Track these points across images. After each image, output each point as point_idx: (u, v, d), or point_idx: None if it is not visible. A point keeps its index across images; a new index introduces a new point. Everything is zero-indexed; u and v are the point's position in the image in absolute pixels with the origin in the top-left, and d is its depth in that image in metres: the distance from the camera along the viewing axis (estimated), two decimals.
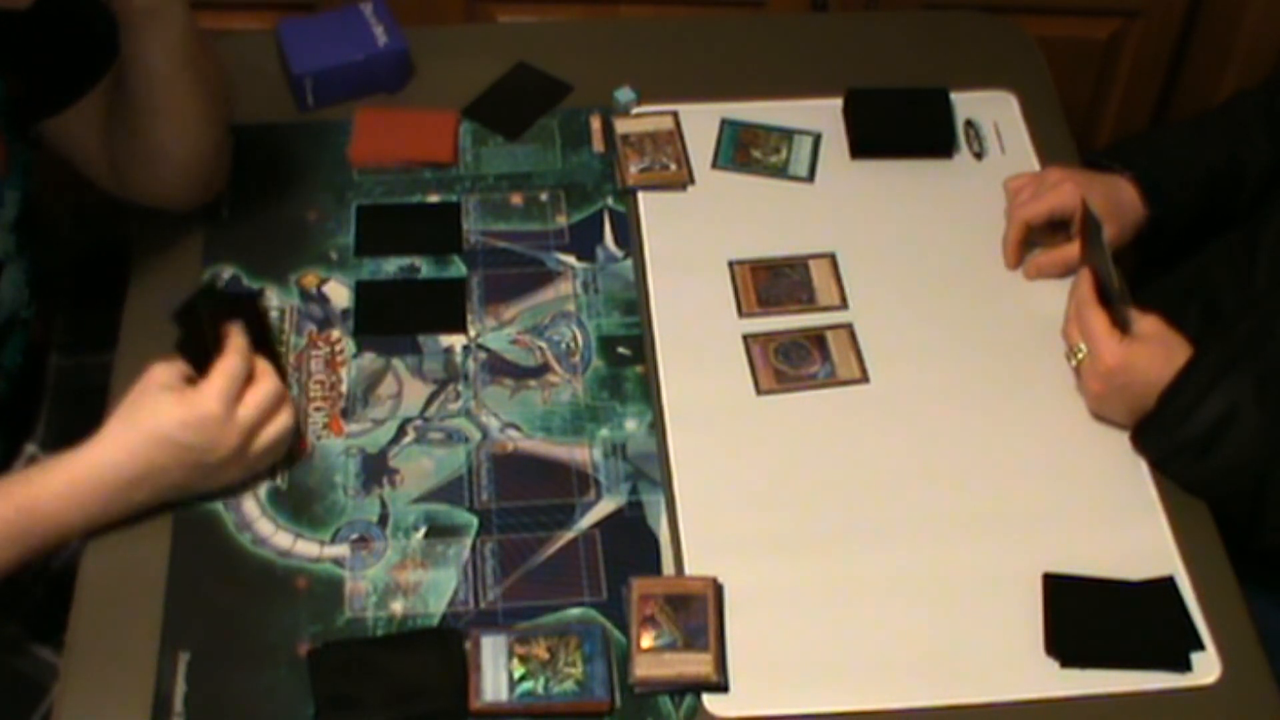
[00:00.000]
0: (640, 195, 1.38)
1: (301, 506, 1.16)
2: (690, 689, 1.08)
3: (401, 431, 1.21)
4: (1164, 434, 1.17)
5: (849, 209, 1.38)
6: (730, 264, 1.33)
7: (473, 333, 1.28)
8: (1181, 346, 1.18)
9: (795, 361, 1.27)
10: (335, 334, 1.27)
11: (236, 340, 1.14)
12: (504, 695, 1.06)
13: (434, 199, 1.37)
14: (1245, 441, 1.14)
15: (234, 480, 1.15)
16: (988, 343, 1.29)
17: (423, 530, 1.16)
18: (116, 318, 1.33)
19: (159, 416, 1.10)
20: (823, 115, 1.46)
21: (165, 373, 1.12)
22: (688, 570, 1.14)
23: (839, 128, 1.45)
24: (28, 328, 1.25)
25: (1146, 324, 1.20)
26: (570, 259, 1.34)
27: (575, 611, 1.11)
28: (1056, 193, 1.32)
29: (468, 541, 1.15)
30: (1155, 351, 1.18)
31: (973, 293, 1.32)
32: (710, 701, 1.07)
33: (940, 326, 1.30)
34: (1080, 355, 1.21)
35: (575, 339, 1.28)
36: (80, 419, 1.25)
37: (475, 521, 1.16)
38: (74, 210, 1.33)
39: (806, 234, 1.36)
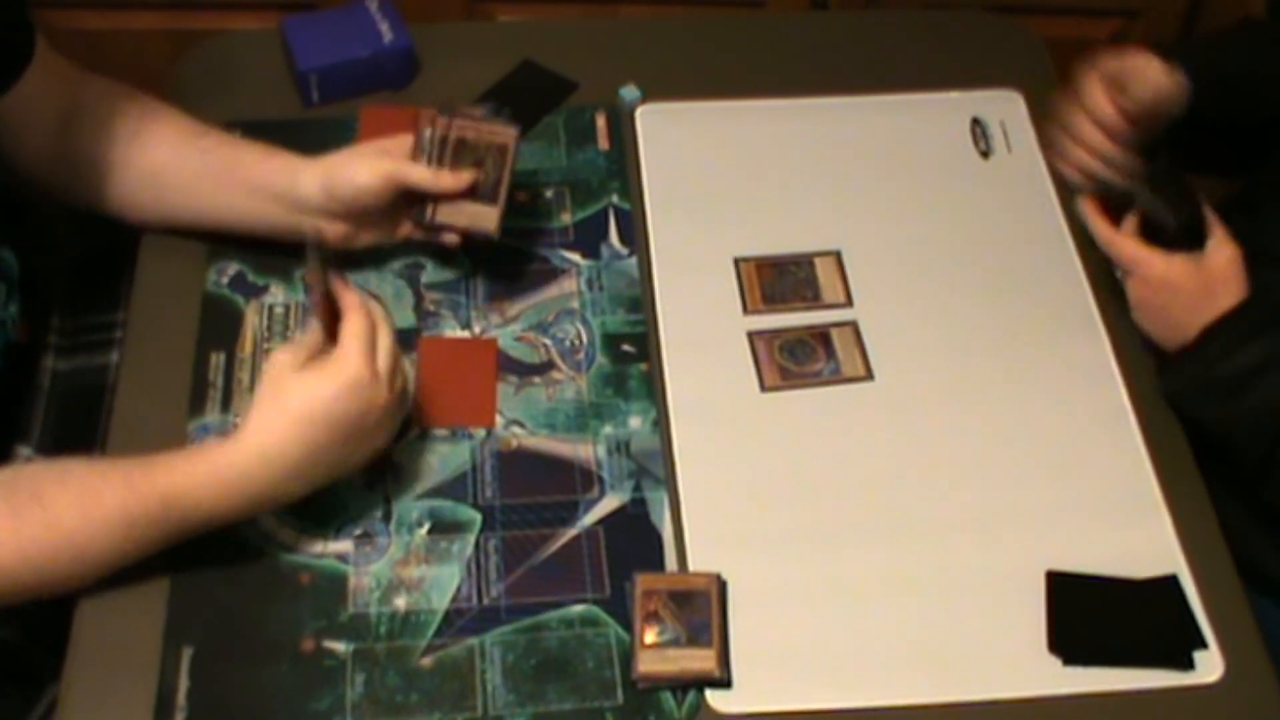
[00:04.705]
0: (646, 192, 1.38)
1: (305, 502, 1.15)
2: (693, 685, 1.08)
3: (405, 427, 1.22)
4: (1196, 370, 1.18)
5: (855, 206, 1.38)
6: (735, 261, 1.33)
7: (477, 329, 1.28)
8: (1237, 286, 1.18)
9: (800, 359, 1.27)
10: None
11: (351, 297, 1.11)
12: None
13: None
14: (1274, 392, 1.15)
15: (389, 437, 1.13)
16: (992, 341, 1.29)
17: (426, 526, 1.16)
18: (112, 320, 1.33)
19: (310, 397, 1.07)
20: (823, 114, 1.46)
21: (293, 355, 1.09)
22: (691, 566, 1.14)
23: (839, 126, 1.45)
24: (5, 328, 1.24)
25: (1220, 254, 1.19)
26: (575, 256, 1.34)
27: (578, 608, 1.11)
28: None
29: (471, 538, 1.15)
30: (1205, 281, 1.18)
31: (978, 291, 1.32)
32: (713, 697, 1.07)
33: (945, 324, 1.30)
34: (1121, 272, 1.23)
35: (579, 336, 1.28)
36: (76, 423, 1.26)
37: (479, 518, 1.16)
38: (69, 211, 1.33)
39: (812, 231, 1.36)
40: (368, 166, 1.22)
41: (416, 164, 1.23)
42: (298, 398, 1.07)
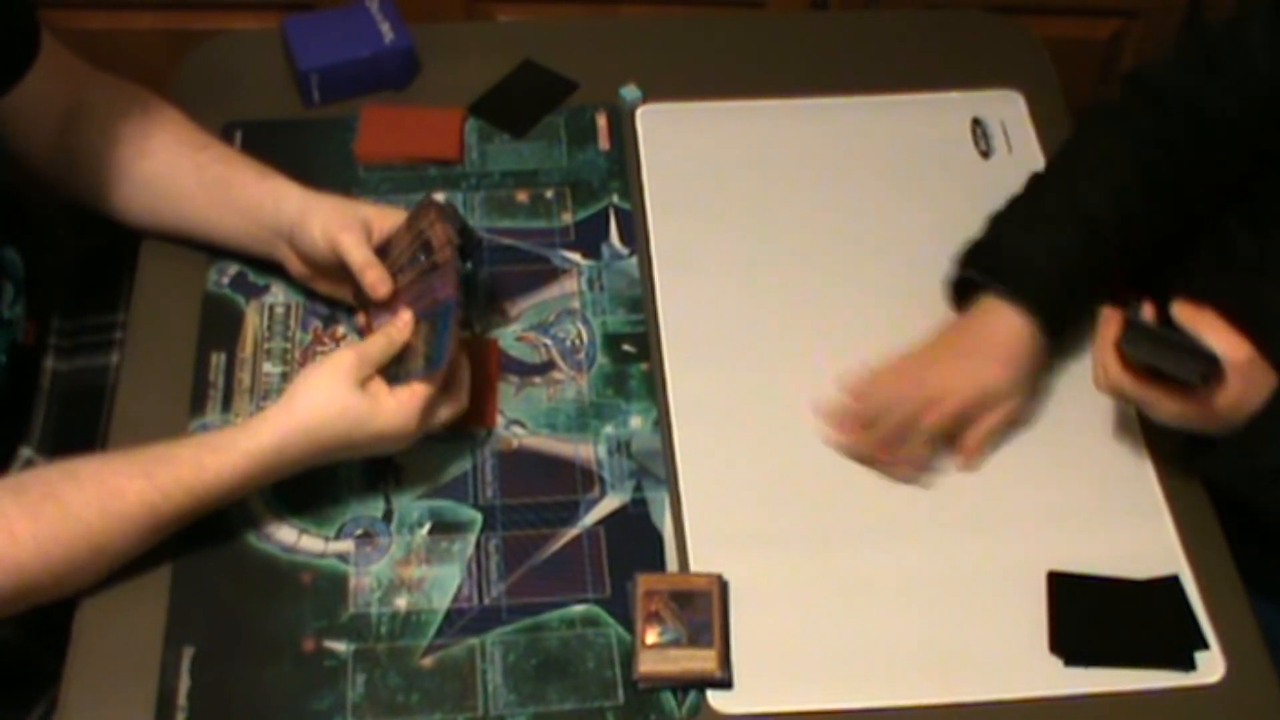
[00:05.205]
0: (646, 192, 1.38)
1: (306, 502, 1.16)
2: (694, 685, 1.08)
3: None
4: (1240, 460, 1.12)
5: (855, 206, 1.38)
6: None
7: (477, 329, 1.28)
8: (1264, 379, 1.10)
9: None
10: (340, 330, 1.27)
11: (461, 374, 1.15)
12: None
13: (440, 196, 1.37)
14: None
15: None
16: None
17: (427, 526, 1.16)
18: (112, 320, 1.33)
19: (362, 425, 1.09)
20: (823, 114, 1.46)
21: (359, 364, 1.11)
22: (693, 567, 1.14)
23: (839, 126, 1.45)
24: (11, 328, 1.24)
25: (1234, 372, 1.08)
26: (576, 256, 1.34)
27: (579, 608, 1.11)
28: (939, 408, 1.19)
29: (472, 538, 1.15)
30: (1226, 402, 1.09)
31: None
32: (714, 698, 1.07)
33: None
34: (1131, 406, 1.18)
35: (580, 336, 1.28)
36: (77, 424, 1.26)
37: (479, 518, 1.16)
38: (70, 211, 1.33)
39: (812, 231, 1.36)
40: (324, 226, 1.19)
41: (362, 246, 1.19)
42: (353, 421, 1.09)
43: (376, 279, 1.18)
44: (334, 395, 1.09)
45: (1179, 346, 1.08)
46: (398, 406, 1.10)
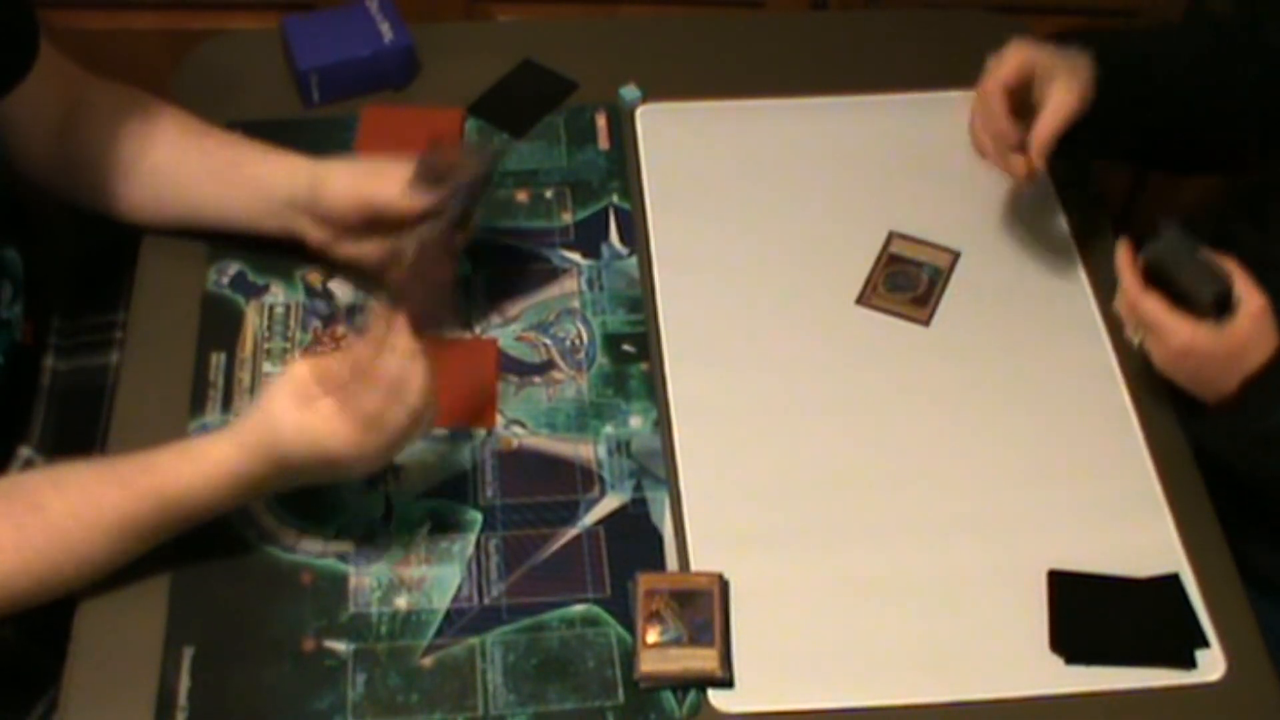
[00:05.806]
0: (646, 192, 1.38)
1: (305, 502, 1.16)
2: (695, 684, 1.08)
3: None
4: (1241, 426, 1.13)
5: (855, 206, 1.38)
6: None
7: (478, 329, 1.28)
8: (1271, 336, 1.10)
9: None
10: (340, 330, 1.27)
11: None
12: None
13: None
14: None
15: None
16: (994, 340, 1.29)
17: (427, 526, 1.16)
18: (112, 320, 1.33)
19: (327, 441, 1.03)
20: (823, 114, 1.46)
21: (319, 378, 1.04)
22: (693, 566, 1.14)
23: (839, 126, 1.45)
24: (10, 328, 1.24)
25: (1247, 311, 1.09)
26: (575, 256, 1.34)
27: (579, 608, 1.11)
28: (1014, 54, 1.26)
29: (472, 538, 1.15)
30: (1234, 343, 1.10)
31: (979, 290, 1.32)
32: (715, 697, 1.07)
33: (947, 323, 1.30)
34: (1140, 336, 1.16)
35: (580, 336, 1.28)
36: (76, 423, 1.26)
37: (479, 518, 1.16)
38: (70, 211, 1.33)
39: (812, 231, 1.36)
40: (345, 183, 1.20)
41: (390, 189, 1.18)
42: (316, 437, 1.04)
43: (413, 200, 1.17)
44: (280, 408, 1.04)
45: (1202, 264, 1.10)
46: (334, 422, 1.04)
